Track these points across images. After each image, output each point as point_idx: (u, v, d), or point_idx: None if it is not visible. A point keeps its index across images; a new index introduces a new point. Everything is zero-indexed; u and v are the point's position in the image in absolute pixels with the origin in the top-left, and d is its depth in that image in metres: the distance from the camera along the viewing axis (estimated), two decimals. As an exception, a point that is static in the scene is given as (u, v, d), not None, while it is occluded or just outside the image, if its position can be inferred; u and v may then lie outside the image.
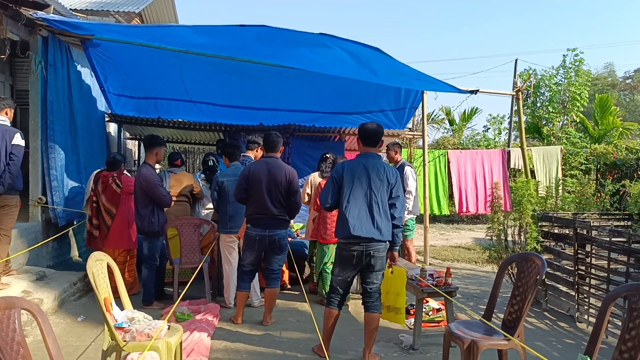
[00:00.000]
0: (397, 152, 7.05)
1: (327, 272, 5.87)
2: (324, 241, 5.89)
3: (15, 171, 4.86)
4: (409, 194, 6.65)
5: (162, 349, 3.29)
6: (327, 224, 5.84)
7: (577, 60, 16.11)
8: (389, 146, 7.06)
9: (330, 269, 5.88)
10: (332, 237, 5.81)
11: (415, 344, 4.61)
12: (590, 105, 18.61)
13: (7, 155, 4.84)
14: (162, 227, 5.63)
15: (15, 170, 4.86)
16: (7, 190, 4.89)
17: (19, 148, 4.89)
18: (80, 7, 10.36)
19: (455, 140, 16.57)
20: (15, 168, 4.85)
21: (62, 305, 5.36)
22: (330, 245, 5.85)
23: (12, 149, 4.85)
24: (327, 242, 5.87)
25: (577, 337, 5.16)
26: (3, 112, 4.99)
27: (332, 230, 5.83)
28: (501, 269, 4.05)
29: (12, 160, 4.84)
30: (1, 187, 4.83)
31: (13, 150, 4.85)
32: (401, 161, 7.03)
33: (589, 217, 6.14)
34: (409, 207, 6.70)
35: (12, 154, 4.85)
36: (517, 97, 7.41)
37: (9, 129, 4.91)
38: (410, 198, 6.70)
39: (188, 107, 8.27)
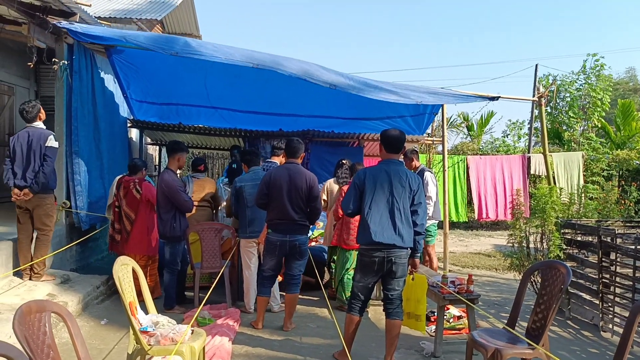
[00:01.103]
0: (414, 158, 7.01)
1: (349, 277, 5.86)
2: (347, 247, 5.89)
3: (49, 171, 5.17)
4: (429, 199, 6.62)
5: (186, 353, 3.32)
6: (350, 230, 5.84)
7: (598, 64, 15.92)
8: (406, 153, 7.02)
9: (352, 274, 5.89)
10: (355, 242, 5.81)
11: (436, 352, 4.58)
12: (612, 110, 18.36)
13: (40, 156, 5.15)
14: (183, 231, 5.68)
15: (48, 170, 5.16)
16: (42, 190, 5.19)
17: (52, 150, 5.20)
18: (104, 15, 10.55)
19: (475, 146, 16.46)
20: (48, 168, 5.16)
21: (86, 308, 5.44)
22: (352, 251, 5.84)
23: (46, 151, 5.15)
24: (350, 248, 5.87)
25: (601, 347, 5.08)
26: (37, 117, 5.32)
27: (354, 236, 5.82)
28: (525, 276, 4.01)
29: (46, 161, 5.14)
30: (36, 186, 5.12)
31: (47, 152, 5.16)
32: (420, 167, 7.00)
33: (613, 225, 6.05)
34: (430, 212, 6.67)
35: (46, 155, 5.15)
36: (539, 102, 7.32)
37: (43, 132, 5.23)
38: (430, 203, 6.66)
39: (209, 113, 8.34)
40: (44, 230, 5.34)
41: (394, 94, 6.25)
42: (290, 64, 5.81)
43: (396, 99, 6.36)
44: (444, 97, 6.84)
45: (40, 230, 5.34)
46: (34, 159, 5.14)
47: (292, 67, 5.76)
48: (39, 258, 5.31)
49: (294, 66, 5.78)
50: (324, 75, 5.88)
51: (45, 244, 5.37)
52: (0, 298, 4.81)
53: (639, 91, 33.12)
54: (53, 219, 5.46)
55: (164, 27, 13.17)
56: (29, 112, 5.24)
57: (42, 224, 5.32)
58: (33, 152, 5.14)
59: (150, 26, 10.94)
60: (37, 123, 5.28)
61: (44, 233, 5.34)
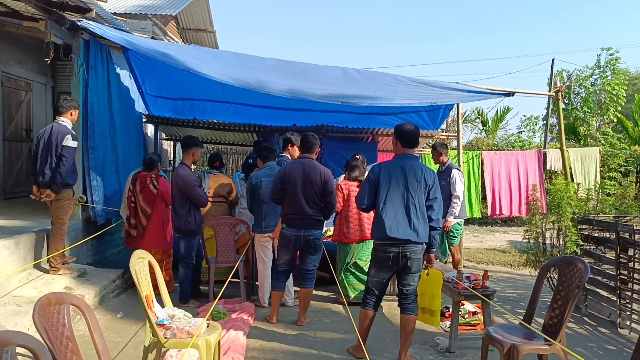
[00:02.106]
0: (443, 153, 6.78)
1: (350, 271, 5.91)
2: (348, 240, 5.92)
3: (64, 171, 5.17)
4: (456, 198, 6.47)
5: (202, 347, 3.34)
6: (349, 223, 5.89)
7: (613, 59, 15.69)
8: (435, 146, 6.89)
9: (353, 268, 5.89)
10: (355, 235, 5.83)
11: (451, 347, 4.57)
12: (630, 105, 18.09)
13: (56, 154, 5.16)
14: (198, 226, 5.71)
15: (64, 170, 5.17)
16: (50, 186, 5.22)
17: (68, 149, 5.18)
18: (120, 11, 10.62)
19: (490, 141, 16.33)
20: (64, 168, 5.16)
21: (102, 301, 5.50)
22: (352, 244, 5.88)
23: (62, 150, 5.14)
24: (350, 242, 5.90)
25: (618, 344, 5.03)
26: (68, 113, 5.37)
27: (354, 229, 5.84)
28: (542, 272, 3.97)
29: (61, 161, 5.14)
30: (56, 186, 5.20)
31: (63, 151, 5.14)
32: (447, 162, 6.77)
33: (631, 221, 5.97)
34: (456, 212, 6.52)
35: (62, 155, 5.14)
36: (556, 97, 7.23)
37: (62, 129, 5.22)
38: (458, 203, 6.49)
39: (223, 108, 8.36)
40: (57, 224, 5.39)
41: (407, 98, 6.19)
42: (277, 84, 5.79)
43: (410, 103, 6.30)
44: (458, 97, 6.77)
45: (54, 224, 5.40)
46: (50, 156, 5.19)
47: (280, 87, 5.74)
48: (53, 251, 5.38)
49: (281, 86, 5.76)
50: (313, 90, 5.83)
51: (59, 237, 5.43)
52: (19, 291, 4.88)
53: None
54: (68, 213, 5.49)
55: (179, 23, 13.24)
56: (62, 105, 5.35)
57: (57, 217, 5.38)
58: (50, 149, 5.19)
59: (164, 22, 10.98)
60: (63, 119, 5.32)
61: (57, 226, 5.40)
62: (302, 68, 6.71)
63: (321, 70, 6.65)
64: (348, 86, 6.27)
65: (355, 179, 5.98)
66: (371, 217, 5.77)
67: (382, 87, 6.37)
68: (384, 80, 6.69)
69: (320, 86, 6.00)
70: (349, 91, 6.06)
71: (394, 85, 6.52)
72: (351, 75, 6.66)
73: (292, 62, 6.84)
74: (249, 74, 6.04)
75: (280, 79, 6.04)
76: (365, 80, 6.56)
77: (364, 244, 5.92)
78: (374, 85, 6.38)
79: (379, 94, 6.08)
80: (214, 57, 6.94)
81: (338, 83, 6.29)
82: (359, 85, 6.32)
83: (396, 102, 6.17)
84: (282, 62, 6.76)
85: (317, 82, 6.16)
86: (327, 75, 6.50)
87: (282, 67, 6.60)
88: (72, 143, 5.21)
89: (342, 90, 6.05)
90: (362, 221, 5.88)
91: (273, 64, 6.66)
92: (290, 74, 6.34)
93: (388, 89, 6.35)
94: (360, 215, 5.85)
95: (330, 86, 6.13)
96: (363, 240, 5.90)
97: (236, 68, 6.28)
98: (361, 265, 5.92)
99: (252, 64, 6.55)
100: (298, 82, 6.03)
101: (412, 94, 6.35)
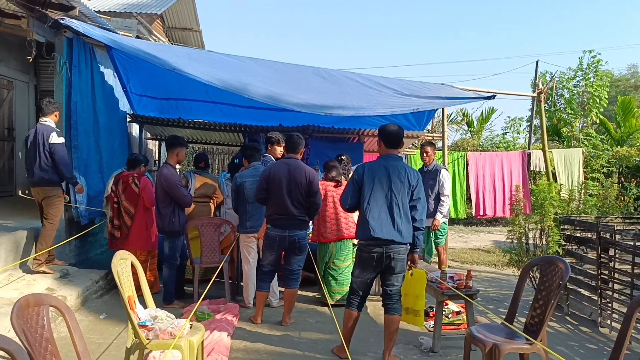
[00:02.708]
0: (428, 152, 6.85)
1: (329, 271, 5.94)
2: (325, 240, 5.94)
3: (63, 165, 5.43)
4: (446, 197, 6.65)
5: (184, 348, 3.32)
6: (326, 223, 5.92)
7: (595, 61, 15.89)
8: (425, 145, 6.99)
9: (333, 268, 5.91)
10: (332, 235, 5.85)
11: (435, 347, 4.59)
12: (612, 107, 18.33)
13: (44, 152, 5.37)
14: (182, 226, 5.68)
15: (62, 164, 5.42)
16: (47, 183, 5.46)
17: (56, 146, 5.40)
18: (104, 9, 10.51)
19: (475, 142, 16.45)
20: (62, 163, 5.42)
21: (85, 302, 5.44)
22: (330, 244, 5.91)
23: (50, 148, 5.37)
24: (327, 241, 5.93)
25: (599, 342, 5.09)
26: (52, 114, 5.61)
27: (332, 229, 5.86)
28: (524, 272, 4.01)
29: (54, 158, 5.38)
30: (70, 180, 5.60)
31: (51, 148, 5.37)
32: (434, 162, 6.90)
33: (613, 221, 6.05)
34: (445, 210, 6.71)
35: (52, 153, 5.37)
36: (539, 99, 7.31)
37: (46, 128, 5.45)
38: (447, 202, 6.69)
39: (209, 107, 8.32)
40: (50, 222, 5.53)
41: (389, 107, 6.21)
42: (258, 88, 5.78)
43: (392, 111, 6.33)
44: (441, 104, 6.83)
45: (47, 222, 5.54)
46: (39, 155, 5.39)
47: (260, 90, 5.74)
48: (40, 248, 5.47)
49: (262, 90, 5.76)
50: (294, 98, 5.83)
51: (48, 235, 5.52)
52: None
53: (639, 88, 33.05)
54: (58, 211, 5.60)
55: (164, 22, 13.14)
56: (45, 106, 5.58)
57: (49, 215, 5.53)
58: (37, 148, 5.39)
59: (150, 21, 10.90)
60: (47, 119, 5.52)
61: (50, 224, 5.53)
62: (287, 73, 6.69)
63: (304, 76, 6.63)
64: (330, 95, 6.26)
65: (332, 179, 5.99)
66: (349, 217, 5.84)
67: (365, 97, 6.36)
68: (369, 85, 6.70)
69: (302, 94, 5.99)
70: (331, 101, 6.05)
71: (376, 95, 6.52)
72: (334, 81, 6.64)
73: (278, 63, 6.83)
74: (233, 76, 6.02)
75: (262, 82, 6.01)
76: (348, 85, 6.56)
77: (341, 243, 5.96)
78: (357, 94, 6.37)
79: (362, 104, 6.09)
80: (199, 56, 6.90)
81: (320, 91, 6.28)
82: (341, 93, 6.32)
83: (379, 112, 6.20)
84: (268, 64, 6.75)
85: (300, 88, 6.16)
86: (310, 82, 6.48)
87: (267, 70, 6.58)
88: (58, 139, 5.39)
89: (324, 100, 6.04)
90: (339, 221, 5.92)
91: (258, 66, 6.65)
92: (274, 79, 6.30)
93: (371, 99, 6.35)
94: (337, 215, 5.89)
95: (312, 94, 6.12)
96: (340, 239, 5.94)
97: (221, 69, 6.25)
98: (339, 265, 5.96)
99: (238, 64, 6.53)
100: (279, 89, 6.01)
101: (395, 102, 6.38)
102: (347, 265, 5.95)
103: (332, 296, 5.95)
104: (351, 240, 6.00)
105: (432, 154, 6.88)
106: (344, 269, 5.94)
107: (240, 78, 5.95)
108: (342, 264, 5.94)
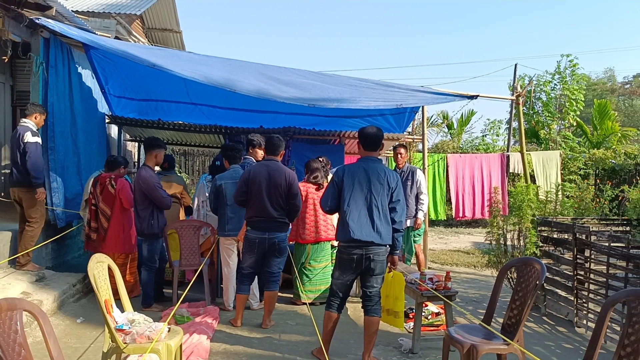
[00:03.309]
0: (402, 154, 7.05)
1: (304, 271, 5.99)
2: (303, 241, 5.99)
3: (30, 164, 5.34)
4: (425, 196, 6.85)
5: (162, 352, 3.29)
6: (305, 224, 5.96)
7: (572, 65, 16.17)
8: (396, 147, 7.15)
9: (308, 268, 5.94)
10: (310, 236, 5.91)
11: (414, 348, 4.62)
12: (589, 110, 18.65)
13: (19, 152, 5.38)
14: (161, 229, 5.64)
15: (30, 165, 5.34)
16: (24, 184, 5.45)
17: (29, 145, 5.37)
18: (82, 9, 10.38)
19: (455, 144, 16.60)
20: (30, 161, 5.34)
21: (62, 306, 5.36)
22: (307, 245, 5.96)
23: (24, 147, 5.35)
24: (305, 242, 5.98)
25: (575, 342, 5.17)
26: (32, 115, 5.58)
27: (310, 230, 5.89)
28: (501, 273, 4.06)
29: (25, 157, 5.35)
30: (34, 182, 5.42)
31: (25, 147, 5.34)
32: (407, 165, 7.08)
33: (588, 222, 6.16)
34: (424, 209, 6.90)
35: (25, 151, 5.35)
36: (516, 102, 7.42)
37: (23, 128, 5.45)
38: (426, 200, 6.88)
39: (189, 109, 8.27)
40: (30, 224, 5.53)
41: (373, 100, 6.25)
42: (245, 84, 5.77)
43: (376, 105, 6.37)
44: (423, 98, 6.88)
45: (27, 223, 5.54)
46: (17, 155, 5.42)
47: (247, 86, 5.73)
48: (22, 249, 5.49)
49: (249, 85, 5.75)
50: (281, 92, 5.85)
51: (29, 236, 5.52)
52: (-27, 296, 4.73)
53: (616, 91, 33.70)
54: (38, 212, 5.59)
55: (144, 22, 13.03)
56: (27, 108, 5.63)
57: (30, 217, 5.53)
58: (15, 149, 5.43)
59: (129, 21, 10.79)
60: (25, 120, 5.51)
61: (29, 225, 5.53)
62: (270, 70, 6.71)
63: (287, 72, 6.65)
64: (314, 88, 6.28)
65: (315, 182, 6.02)
66: (327, 220, 5.89)
67: (348, 90, 6.41)
68: (349, 82, 6.74)
69: (287, 87, 6.01)
70: (315, 93, 6.08)
71: (359, 87, 6.58)
72: (317, 77, 6.69)
73: (260, 63, 6.83)
74: (216, 72, 5.99)
75: (247, 78, 6.01)
76: (331, 81, 6.60)
77: (318, 245, 6.01)
78: (340, 87, 6.42)
79: (345, 96, 6.11)
80: (180, 55, 6.85)
81: (304, 85, 6.30)
82: (325, 87, 6.34)
83: (362, 105, 6.22)
84: (250, 63, 6.74)
85: (284, 83, 6.16)
86: (293, 77, 6.50)
87: (249, 67, 6.58)
88: (31, 138, 5.35)
89: (308, 92, 6.07)
90: (317, 223, 5.95)
91: (240, 65, 6.64)
92: (257, 73, 6.31)
93: (354, 91, 6.40)
94: (317, 217, 5.92)
95: (297, 87, 6.13)
96: (318, 241, 5.98)
97: (203, 66, 6.21)
98: (315, 266, 6.02)
99: (220, 65, 6.50)
100: (265, 83, 6.01)
101: (378, 96, 6.41)
102: (322, 267, 6.01)
103: (307, 295, 6.00)
104: (329, 242, 6.04)
105: (405, 156, 7.12)
106: (319, 270, 6.01)
107: (225, 75, 5.93)
108: (318, 265, 6.03)
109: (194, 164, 13.41)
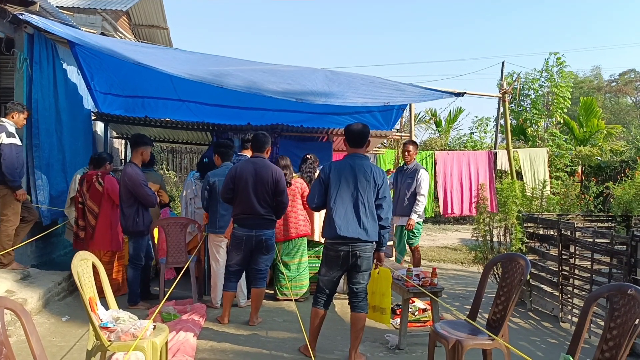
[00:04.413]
0: (410, 151, 6.81)
1: (278, 268, 6.04)
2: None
3: (5, 166, 5.18)
4: (422, 197, 6.56)
5: (147, 349, 3.28)
6: (289, 222, 6.01)
7: (559, 62, 16.30)
8: (406, 143, 6.99)
9: (282, 266, 6.01)
10: (279, 235, 5.92)
11: (401, 344, 4.64)
12: (575, 107, 18.82)
13: None
14: (147, 226, 5.60)
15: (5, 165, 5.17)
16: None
17: (5, 147, 5.18)
18: (67, 5, 10.27)
19: (443, 142, 16.67)
20: (5, 164, 5.17)
21: (47, 305, 5.31)
22: (278, 243, 5.94)
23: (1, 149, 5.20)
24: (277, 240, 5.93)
25: (560, 337, 5.23)
26: (10, 115, 5.41)
27: (279, 229, 5.88)
28: (486, 269, 4.09)
29: (0, 156, 5.18)
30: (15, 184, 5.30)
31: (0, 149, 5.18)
32: (414, 162, 6.83)
33: (573, 219, 6.22)
34: (420, 210, 6.61)
35: (1, 152, 5.18)
36: (503, 99, 7.47)
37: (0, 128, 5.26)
38: (423, 202, 6.59)
39: (176, 106, 8.21)
40: (2, 221, 5.39)
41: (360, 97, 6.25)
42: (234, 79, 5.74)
43: (363, 102, 6.37)
44: (411, 95, 6.89)
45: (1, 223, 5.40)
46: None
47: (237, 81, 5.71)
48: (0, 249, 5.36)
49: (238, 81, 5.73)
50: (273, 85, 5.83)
51: (5, 235, 5.39)
52: (-44, 295, 4.67)
53: (602, 89, 34.05)
54: (12, 209, 5.42)
55: (130, 19, 12.91)
56: (7, 107, 5.46)
57: (1, 214, 5.39)
58: None
59: (115, 17, 10.68)
60: (4, 119, 5.35)
61: (2, 223, 5.39)
62: (256, 65, 6.70)
63: (275, 68, 6.65)
64: (302, 83, 6.27)
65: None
66: (299, 217, 5.91)
67: (336, 84, 6.40)
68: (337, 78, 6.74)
69: (275, 82, 6.00)
70: (302, 88, 6.07)
71: (347, 82, 6.57)
72: (305, 75, 6.69)
73: (247, 60, 6.82)
74: (203, 69, 5.96)
75: (234, 73, 5.98)
76: (318, 76, 6.60)
77: (288, 242, 6.05)
78: (328, 81, 6.40)
79: (333, 90, 6.12)
80: (164, 53, 6.81)
81: (291, 80, 6.29)
82: (312, 81, 6.33)
83: (350, 101, 6.23)
84: (236, 60, 6.73)
85: (272, 78, 6.15)
86: (281, 72, 6.50)
87: (236, 64, 6.56)
88: (6, 140, 5.20)
89: (296, 87, 6.06)
90: (288, 221, 5.99)
91: (227, 61, 6.62)
92: (245, 69, 6.30)
93: (342, 85, 6.40)
94: (287, 215, 5.92)
95: (284, 82, 6.12)
96: (288, 239, 6.02)
97: (189, 63, 6.19)
98: (288, 262, 6.07)
99: (205, 61, 6.48)
100: (253, 77, 5.99)
101: (366, 91, 6.41)
102: (296, 262, 6.07)
103: (282, 291, 6.06)
104: (301, 238, 6.08)
105: (414, 153, 6.87)
106: (293, 266, 6.07)
107: (213, 71, 5.90)
108: (291, 261, 6.07)
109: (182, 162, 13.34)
